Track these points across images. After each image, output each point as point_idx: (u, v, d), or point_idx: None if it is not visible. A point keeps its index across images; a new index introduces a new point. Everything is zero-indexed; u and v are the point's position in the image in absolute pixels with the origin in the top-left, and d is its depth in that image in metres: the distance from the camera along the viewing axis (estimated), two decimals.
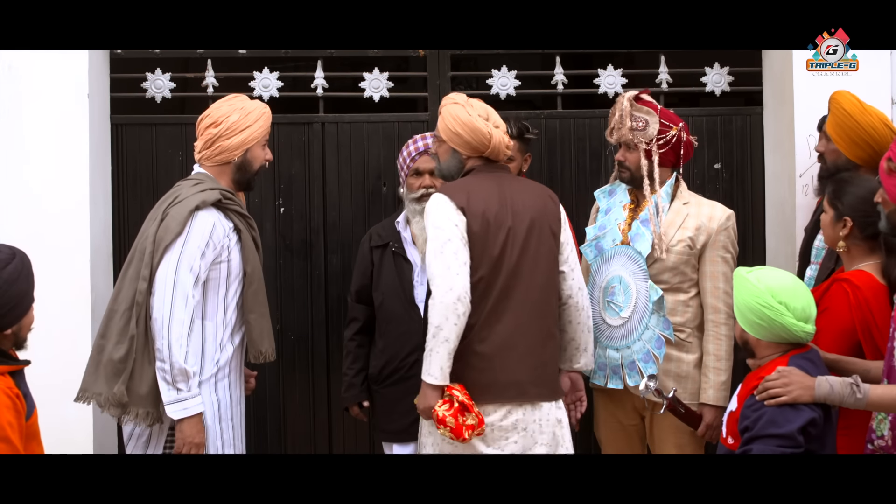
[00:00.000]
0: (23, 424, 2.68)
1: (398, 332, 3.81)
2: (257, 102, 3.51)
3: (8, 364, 2.70)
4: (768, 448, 2.75)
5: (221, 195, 3.35)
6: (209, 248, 3.28)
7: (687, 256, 3.55)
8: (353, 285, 3.96)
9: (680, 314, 3.55)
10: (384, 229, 3.94)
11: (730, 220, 3.60)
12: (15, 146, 4.11)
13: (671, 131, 3.58)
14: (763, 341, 2.96)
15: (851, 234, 3.19)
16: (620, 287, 3.57)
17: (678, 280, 3.55)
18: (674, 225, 3.57)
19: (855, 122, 3.55)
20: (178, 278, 3.22)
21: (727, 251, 3.56)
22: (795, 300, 2.90)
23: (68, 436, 3.89)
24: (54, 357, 3.80)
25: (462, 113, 3.37)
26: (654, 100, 3.69)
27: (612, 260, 3.61)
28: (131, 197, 4.42)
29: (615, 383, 3.59)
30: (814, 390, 2.78)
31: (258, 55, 4.56)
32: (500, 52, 4.54)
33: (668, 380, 3.51)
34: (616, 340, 3.59)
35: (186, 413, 3.20)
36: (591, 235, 3.73)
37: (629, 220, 3.63)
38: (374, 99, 4.54)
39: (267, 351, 3.45)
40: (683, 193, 3.65)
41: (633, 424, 3.68)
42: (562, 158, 4.51)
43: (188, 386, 3.20)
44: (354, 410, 3.91)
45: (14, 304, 2.69)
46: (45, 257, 3.68)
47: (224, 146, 3.40)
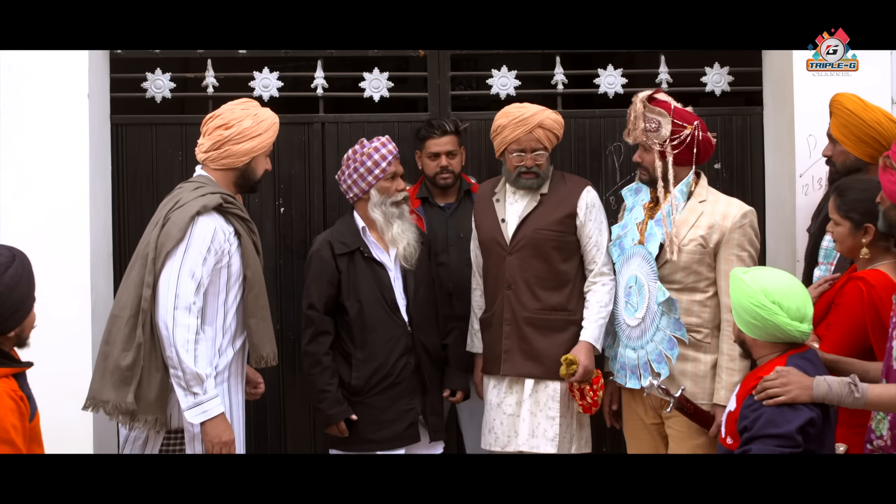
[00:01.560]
0: (26, 427, 2.67)
1: (384, 338, 3.75)
2: (268, 111, 3.50)
3: (11, 366, 2.70)
4: (767, 448, 2.75)
5: (223, 199, 3.34)
6: (210, 254, 3.27)
7: (700, 255, 3.50)
8: (316, 297, 3.75)
9: (696, 314, 3.52)
10: (344, 236, 3.81)
11: (746, 217, 3.52)
12: (15, 146, 4.11)
13: (685, 131, 3.53)
14: (759, 341, 2.96)
15: (874, 239, 3.17)
16: (636, 287, 3.57)
17: (692, 280, 3.52)
18: (687, 223, 3.53)
19: (859, 119, 3.55)
20: (181, 285, 3.21)
21: (743, 249, 3.50)
22: (789, 300, 2.89)
23: (68, 436, 3.88)
24: (54, 357, 3.79)
25: (559, 117, 3.83)
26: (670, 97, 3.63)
27: (631, 260, 3.61)
28: (131, 197, 4.42)
29: (633, 383, 3.59)
30: (812, 390, 2.78)
31: (258, 55, 4.56)
32: (500, 52, 4.54)
33: (684, 380, 3.48)
34: (633, 340, 3.60)
35: (206, 416, 3.20)
36: (615, 234, 3.73)
37: (646, 219, 3.62)
38: (374, 99, 4.55)
39: (269, 356, 3.43)
40: (701, 191, 3.59)
41: (655, 424, 3.66)
42: (562, 158, 4.51)
43: (203, 389, 3.19)
44: (341, 426, 3.73)
45: (16, 308, 2.68)
46: (45, 257, 3.69)
47: (232, 150, 3.39)
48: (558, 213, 3.81)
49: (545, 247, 3.78)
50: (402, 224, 3.80)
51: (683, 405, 3.37)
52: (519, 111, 3.80)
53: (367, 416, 3.74)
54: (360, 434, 3.74)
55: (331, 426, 3.75)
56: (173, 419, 3.28)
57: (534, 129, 3.76)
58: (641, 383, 3.54)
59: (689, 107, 3.65)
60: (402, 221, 3.80)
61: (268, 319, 3.45)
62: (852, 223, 3.19)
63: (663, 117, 3.54)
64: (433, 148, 4.17)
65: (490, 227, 3.87)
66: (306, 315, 3.77)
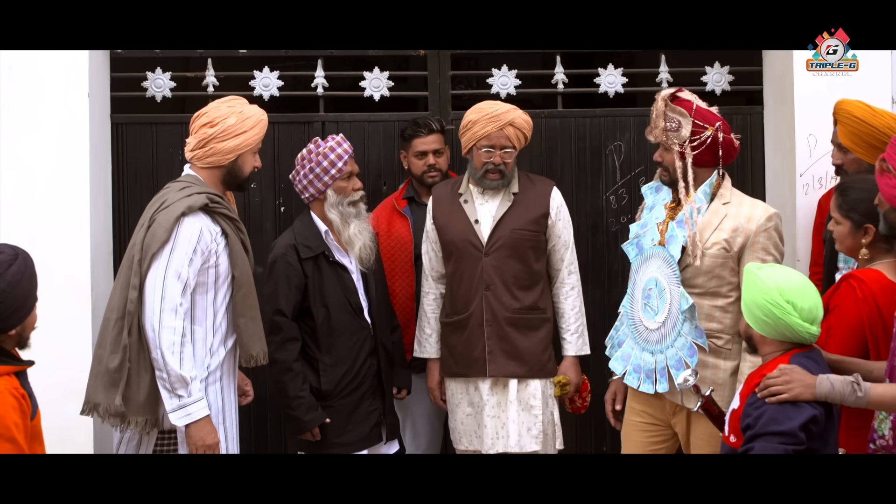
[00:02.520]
0: (28, 425, 2.67)
1: (349, 343, 3.73)
2: (255, 108, 3.46)
3: (13, 364, 2.70)
4: (770, 446, 2.75)
5: (208, 199, 3.30)
6: (196, 255, 3.25)
7: (723, 259, 3.40)
8: (285, 303, 3.67)
9: (717, 320, 3.42)
10: (308, 239, 3.72)
11: (771, 220, 3.41)
12: (15, 146, 4.11)
13: (706, 132, 3.43)
14: (767, 339, 2.95)
15: (874, 239, 3.17)
16: (656, 290, 3.47)
17: (714, 284, 3.42)
18: (710, 226, 3.43)
19: (871, 126, 3.53)
20: (167, 286, 3.20)
21: (768, 253, 3.40)
22: (803, 300, 2.88)
23: (69, 436, 3.88)
24: (54, 357, 3.78)
25: (528, 118, 3.83)
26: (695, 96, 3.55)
27: (650, 261, 3.51)
28: (131, 196, 4.42)
29: (647, 387, 3.49)
30: (815, 388, 2.77)
31: (258, 54, 4.56)
32: (501, 51, 4.54)
33: (703, 387, 3.31)
34: (652, 344, 3.50)
35: (189, 419, 3.19)
36: (633, 233, 3.65)
37: (668, 219, 3.52)
38: (374, 98, 4.55)
39: (258, 355, 3.40)
40: (725, 193, 3.49)
41: (661, 429, 3.57)
42: (562, 158, 4.51)
43: (188, 391, 3.18)
44: (315, 431, 3.68)
45: (18, 306, 2.68)
46: (46, 257, 3.68)
47: (217, 149, 3.36)
48: (533, 212, 3.83)
49: (523, 247, 3.79)
50: (359, 224, 3.77)
51: (709, 407, 3.31)
52: (491, 107, 3.82)
53: (334, 420, 3.70)
54: (326, 438, 3.70)
55: (304, 432, 3.69)
56: (166, 420, 3.27)
57: (505, 126, 3.76)
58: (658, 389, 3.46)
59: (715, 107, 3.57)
60: (358, 221, 3.77)
61: (257, 319, 3.42)
62: (853, 223, 3.18)
63: (684, 117, 3.44)
64: (420, 147, 4.15)
65: (461, 228, 3.85)
66: (273, 321, 3.65)
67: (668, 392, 3.46)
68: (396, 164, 4.48)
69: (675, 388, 3.39)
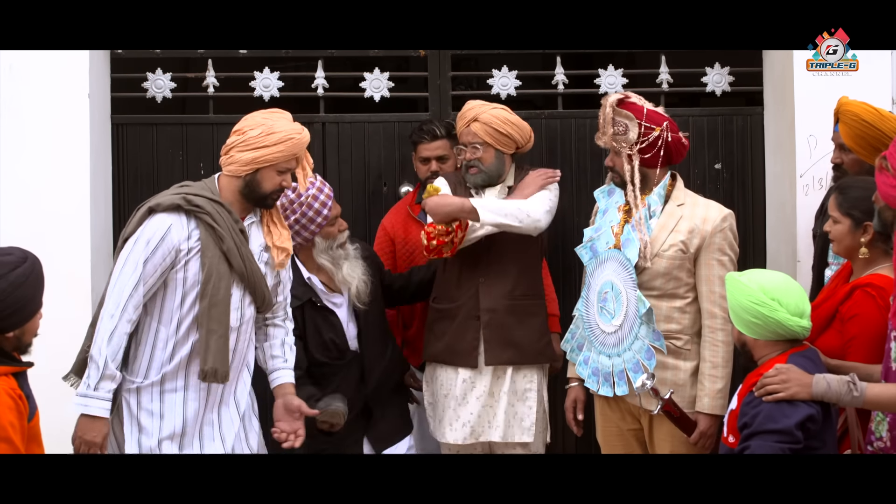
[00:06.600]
0: (24, 425, 2.68)
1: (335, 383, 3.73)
2: (288, 126, 3.28)
3: (11, 365, 2.70)
4: (766, 444, 2.76)
5: (185, 200, 3.21)
6: (159, 251, 3.18)
7: (680, 261, 3.44)
8: None
9: (676, 321, 3.46)
10: (293, 288, 3.61)
11: (726, 220, 3.47)
12: (15, 146, 4.12)
13: (654, 132, 3.45)
14: (760, 341, 2.97)
15: (873, 239, 3.16)
16: (612, 294, 3.49)
17: (672, 286, 3.46)
18: (666, 228, 3.46)
19: (876, 129, 3.51)
20: (121, 277, 3.17)
21: (724, 253, 3.44)
22: (788, 296, 2.92)
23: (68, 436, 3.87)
24: (54, 357, 3.76)
25: (506, 113, 3.77)
26: (648, 100, 3.58)
27: (605, 264, 3.53)
28: (131, 197, 4.41)
29: (606, 391, 3.53)
30: (811, 387, 2.79)
31: (259, 55, 4.56)
32: (501, 52, 4.54)
33: (664, 388, 3.37)
34: (608, 347, 3.52)
35: (85, 410, 3.16)
36: (587, 237, 3.67)
37: (622, 222, 3.54)
38: (374, 99, 4.55)
39: (212, 371, 3.20)
40: (678, 194, 3.53)
41: (632, 429, 3.60)
42: (562, 158, 4.51)
43: (97, 385, 3.14)
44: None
45: (17, 308, 2.69)
46: (46, 257, 3.63)
47: (235, 158, 3.26)
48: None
49: (516, 237, 3.76)
50: (350, 263, 3.76)
51: (669, 409, 3.32)
52: (464, 107, 3.84)
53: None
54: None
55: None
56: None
57: (470, 122, 3.76)
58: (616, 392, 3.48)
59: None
60: (347, 262, 3.75)
61: (222, 335, 3.21)
62: (853, 221, 3.18)
63: (630, 121, 3.46)
64: (424, 153, 4.12)
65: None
66: None
67: (627, 395, 3.48)
68: (397, 164, 4.48)
69: (633, 391, 3.40)
